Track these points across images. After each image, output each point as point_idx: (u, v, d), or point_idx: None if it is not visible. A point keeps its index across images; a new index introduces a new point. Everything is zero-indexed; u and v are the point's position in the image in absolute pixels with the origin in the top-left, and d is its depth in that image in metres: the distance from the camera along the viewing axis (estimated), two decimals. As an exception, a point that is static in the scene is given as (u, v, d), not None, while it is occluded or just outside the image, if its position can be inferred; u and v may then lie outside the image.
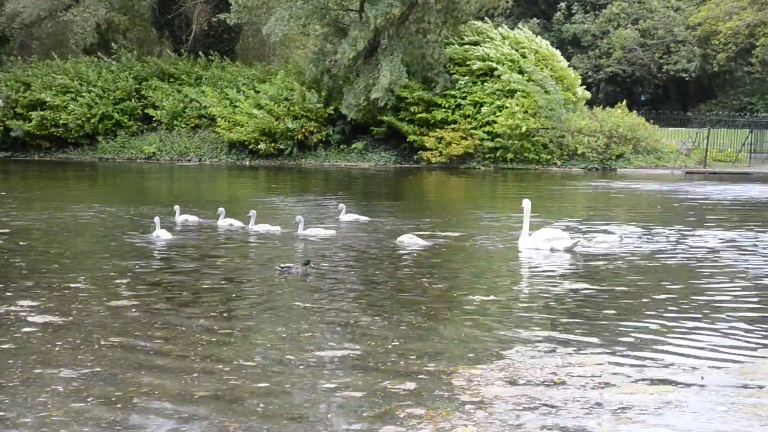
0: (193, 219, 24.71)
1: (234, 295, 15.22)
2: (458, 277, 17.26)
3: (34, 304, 13.84)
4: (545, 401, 9.39)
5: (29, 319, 12.80)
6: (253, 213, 23.28)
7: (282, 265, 17.17)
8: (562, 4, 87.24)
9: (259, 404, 9.31)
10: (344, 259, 19.12)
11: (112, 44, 63.14)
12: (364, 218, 25.53)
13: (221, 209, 24.32)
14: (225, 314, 13.58)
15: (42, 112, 56.73)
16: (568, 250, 20.05)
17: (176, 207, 24.96)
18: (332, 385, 9.90)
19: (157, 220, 22.20)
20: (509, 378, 10.18)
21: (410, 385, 9.85)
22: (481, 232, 23.30)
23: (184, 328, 12.50)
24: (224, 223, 23.81)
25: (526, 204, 20.81)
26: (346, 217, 25.49)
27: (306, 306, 14.17)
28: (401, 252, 19.95)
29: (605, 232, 23.02)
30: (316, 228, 22.82)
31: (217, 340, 11.84)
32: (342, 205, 26.16)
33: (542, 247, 20.15)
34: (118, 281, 16.07)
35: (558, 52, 55.95)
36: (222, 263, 18.45)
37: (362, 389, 9.75)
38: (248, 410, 9.14)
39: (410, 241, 21.03)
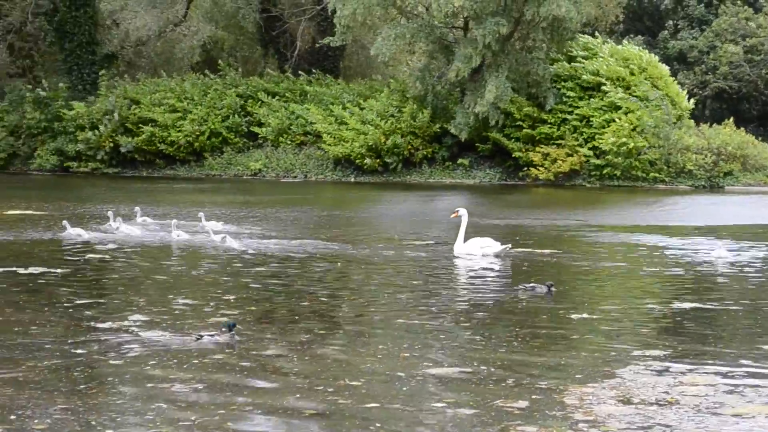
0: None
1: (324, 313, 15.22)
2: (561, 295, 17.08)
3: (144, 319, 14.03)
4: (659, 420, 9.23)
5: (141, 334, 12.93)
6: (111, 213, 24.81)
7: (526, 285, 17.12)
8: (670, 22, 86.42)
9: (373, 422, 9.24)
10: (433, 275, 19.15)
11: (219, 62, 63.81)
12: (150, 220, 26.82)
13: (137, 208, 26.85)
14: (321, 332, 13.52)
15: (152, 129, 57.65)
16: (498, 255, 21.46)
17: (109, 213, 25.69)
18: (443, 404, 9.81)
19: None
20: (621, 397, 10.04)
21: (522, 404, 9.74)
22: (577, 249, 23.14)
23: (275, 348, 12.41)
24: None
25: (463, 212, 22.18)
26: (139, 220, 26.74)
27: (404, 323, 14.14)
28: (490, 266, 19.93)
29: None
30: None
31: (317, 360, 11.74)
32: (137, 208, 27.35)
33: (475, 252, 21.48)
34: (220, 296, 16.21)
35: (666, 67, 55.49)
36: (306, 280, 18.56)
37: (473, 407, 9.66)
38: (361, 427, 9.06)
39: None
